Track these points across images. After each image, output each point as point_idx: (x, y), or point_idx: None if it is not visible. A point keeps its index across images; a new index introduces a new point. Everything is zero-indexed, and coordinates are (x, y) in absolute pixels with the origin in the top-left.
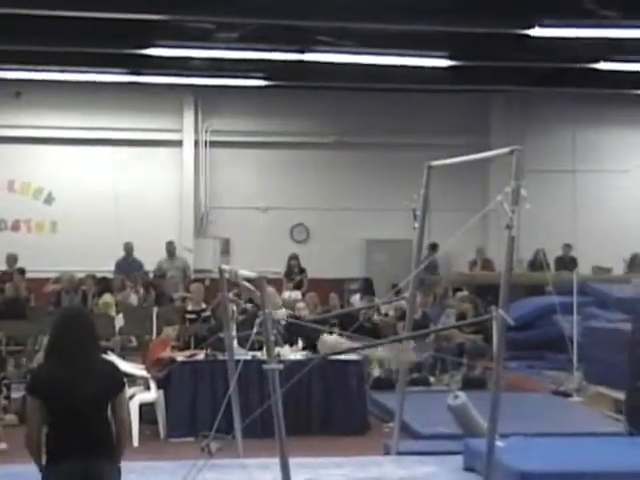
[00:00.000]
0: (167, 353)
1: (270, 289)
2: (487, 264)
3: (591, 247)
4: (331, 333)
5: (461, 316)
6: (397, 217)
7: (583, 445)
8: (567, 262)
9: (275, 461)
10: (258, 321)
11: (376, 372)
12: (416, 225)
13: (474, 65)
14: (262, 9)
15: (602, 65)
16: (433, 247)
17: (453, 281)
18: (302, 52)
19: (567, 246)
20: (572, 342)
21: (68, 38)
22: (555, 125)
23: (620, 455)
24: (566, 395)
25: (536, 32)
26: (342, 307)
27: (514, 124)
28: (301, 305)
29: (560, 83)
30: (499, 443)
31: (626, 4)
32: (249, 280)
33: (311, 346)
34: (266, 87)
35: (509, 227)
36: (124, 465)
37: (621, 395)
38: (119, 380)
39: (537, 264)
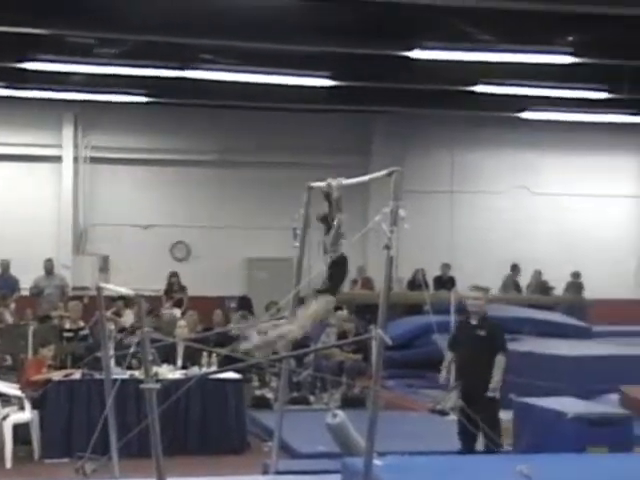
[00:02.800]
0: (43, 375)
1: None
2: (367, 283)
3: (469, 266)
4: (210, 354)
5: (341, 335)
6: (278, 235)
7: (459, 463)
8: (445, 281)
9: None
10: (136, 340)
11: (257, 391)
12: (296, 244)
13: (355, 85)
14: (143, 25)
15: (479, 88)
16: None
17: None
18: (183, 69)
19: (445, 266)
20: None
21: None
22: (434, 146)
23: (494, 472)
24: (443, 414)
25: (416, 54)
26: (225, 325)
27: (395, 144)
28: (182, 323)
29: (439, 105)
30: (377, 462)
31: (503, 29)
32: (126, 297)
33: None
34: (147, 104)
35: (388, 247)
36: None
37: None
38: None
39: (416, 283)
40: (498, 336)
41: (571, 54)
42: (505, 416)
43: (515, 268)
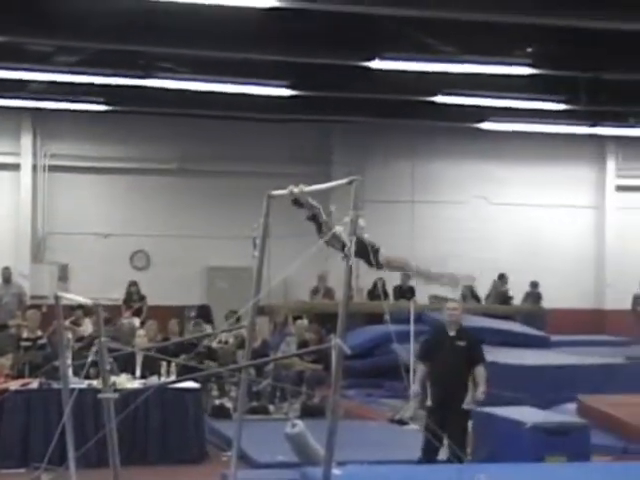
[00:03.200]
0: (0, 384)
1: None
2: (328, 292)
3: None
4: (168, 364)
5: (302, 344)
6: (238, 245)
7: (418, 472)
8: (405, 291)
9: None
10: (94, 349)
11: (216, 401)
12: (256, 254)
13: (315, 95)
14: (102, 33)
15: (439, 98)
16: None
17: (293, 309)
18: (142, 77)
19: (405, 275)
20: (408, 370)
21: None
22: (395, 156)
23: None
24: (402, 423)
25: (376, 64)
26: (181, 334)
27: (355, 154)
28: (141, 333)
29: (400, 115)
30: (335, 471)
31: (463, 40)
32: (85, 306)
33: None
34: (106, 112)
35: (347, 257)
36: None
37: None
38: None
39: (376, 293)
40: (478, 347)
41: (530, 65)
42: None
43: (502, 277)
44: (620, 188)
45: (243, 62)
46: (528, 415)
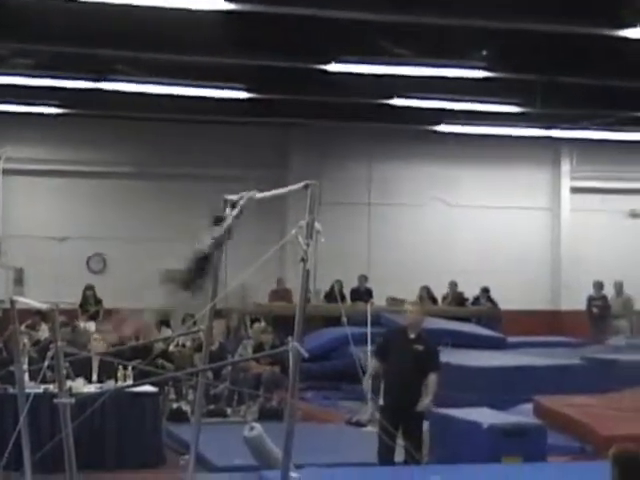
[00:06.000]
0: None
1: None
2: (285, 295)
3: (385, 278)
4: (125, 368)
5: (258, 347)
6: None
7: (375, 475)
8: (362, 293)
9: None
10: (50, 354)
11: (173, 404)
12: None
13: (273, 98)
14: (58, 36)
15: (396, 101)
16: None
17: (250, 312)
18: (98, 81)
19: (363, 277)
20: (365, 373)
21: None
22: (352, 158)
23: None
24: (360, 425)
25: (333, 67)
26: (137, 338)
27: (312, 157)
28: (97, 337)
29: (356, 118)
30: (293, 474)
31: (418, 43)
32: (40, 311)
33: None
34: (62, 115)
35: (303, 260)
36: None
37: None
38: None
39: (333, 296)
40: (435, 354)
41: (485, 68)
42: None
43: (454, 284)
44: (575, 190)
45: (200, 65)
46: (485, 416)
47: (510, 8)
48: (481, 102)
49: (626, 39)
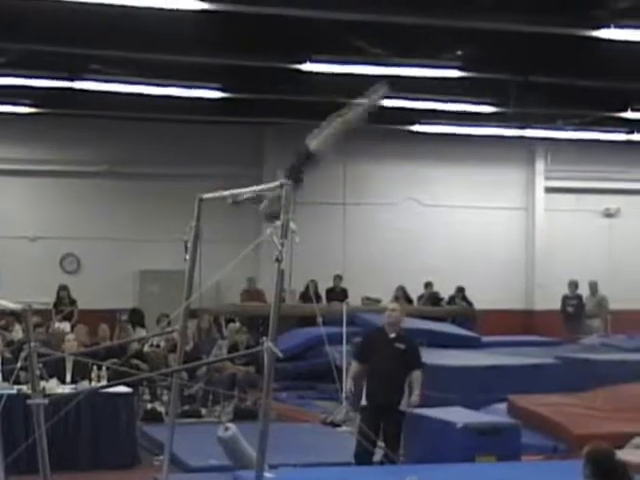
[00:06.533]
0: None
1: None
2: (259, 295)
3: (361, 278)
4: (99, 368)
5: (233, 347)
6: (170, 248)
7: (351, 474)
8: (338, 293)
9: None
10: (23, 354)
11: (148, 405)
12: (187, 257)
13: (248, 97)
14: (29, 35)
15: None
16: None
17: (225, 312)
18: (72, 80)
19: (338, 277)
20: (341, 373)
21: None
22: (326, 157)
23: None
24: (335, 425)
25: (308, 67)
26: (112, 338)
27: (287, 156)
28: (70, 337)
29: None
30: (268, 474)
31: (393, 43)
32: (13, 312)
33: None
34: (35, 114)
35: (278, 260)
36: None
37: None
38: None
39: (308, 295)
40: (416, 352)
41: (459, 68)
42: None
43: (429, 285)
44: (549, 190)
45: (175, 64)
46: (459, 415)
47: (485, 8)
48: (455, 102)
49: (600, 39)
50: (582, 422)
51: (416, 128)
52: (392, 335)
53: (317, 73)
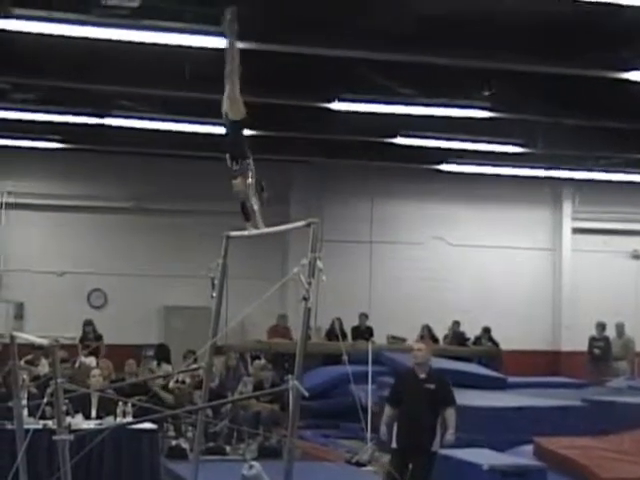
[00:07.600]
0: None
1: None
2: (286, 332)
3: (386, 316)
4: (124, 404)
5: (258, 385)
6: (196, 284)
7: None
8: (363, 331)
9: None
10: (50, 390)
11: (172, 441)
12: (214, 294)
13: (275, 135)
14: (58, 71)
15: (399, 140)
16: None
17: (251, 348)
18: (99, 116)
19: (363, 315)
20: (366, 411)
21: None
22: (353, 196)
23: None
24: (360, 465)
25: (336, 106)
26: (138, 375)
27: (313, 194)
28: (95, 372)
29: (359, 156)
30: None
31: (422, 82)
32: (40, 346)
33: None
34: (62, 150)
35: (305, 299)
36: None
37: None
38: None
39: (334, 333)
40: (448, 389)
41: (487, 109)
42: None
43: (457, 323)
44: (576, 230)
45: (201, 101)
46: (485, 457)
47: (514, 49)
48: (484, 142)
49: (629, 81)
50: (609, 465)
51: (443, 167)
52: (422, 376)
53: (346, 112)
